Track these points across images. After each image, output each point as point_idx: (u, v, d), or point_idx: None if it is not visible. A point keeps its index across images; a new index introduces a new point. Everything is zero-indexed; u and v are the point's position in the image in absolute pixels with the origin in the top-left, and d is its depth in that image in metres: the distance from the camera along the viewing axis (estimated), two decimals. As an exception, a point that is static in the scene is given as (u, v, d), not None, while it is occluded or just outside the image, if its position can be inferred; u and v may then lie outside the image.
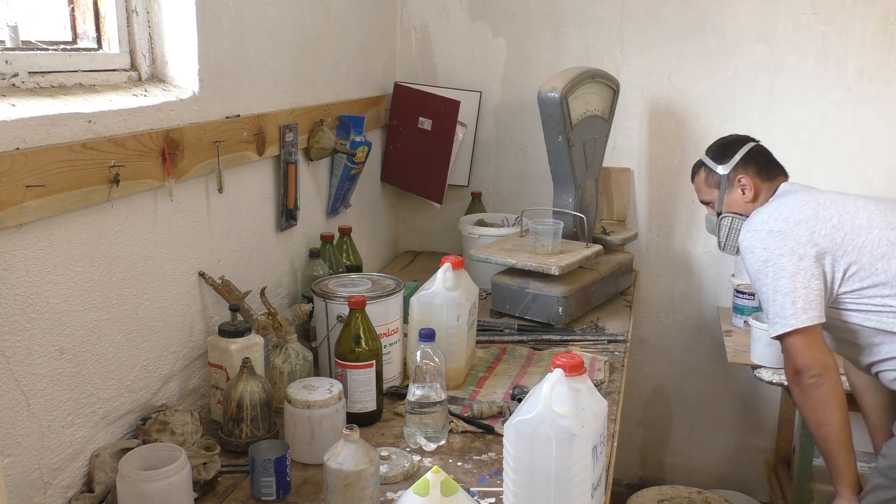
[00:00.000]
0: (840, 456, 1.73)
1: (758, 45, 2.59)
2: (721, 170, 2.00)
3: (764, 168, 1.97)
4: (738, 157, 1.98)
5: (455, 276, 1.76)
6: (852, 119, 2.57)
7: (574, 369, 1.20)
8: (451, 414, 1.62)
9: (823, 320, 1.71)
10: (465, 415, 1.65)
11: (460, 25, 2.83)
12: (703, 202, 2.10)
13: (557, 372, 1.20)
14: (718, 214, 2.03)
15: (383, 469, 1.42)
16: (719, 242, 2.06)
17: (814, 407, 1.72)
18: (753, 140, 2.03)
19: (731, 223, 2.00)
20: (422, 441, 1.54)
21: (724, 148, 2.03)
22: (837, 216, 1.76)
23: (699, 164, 2.08)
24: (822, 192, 1.89)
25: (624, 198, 2.79)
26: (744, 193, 1.97)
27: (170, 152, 1.47)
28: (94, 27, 1.51)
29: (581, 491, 1.18)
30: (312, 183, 2.19)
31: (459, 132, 2.72)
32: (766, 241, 1.76)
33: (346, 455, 1.26)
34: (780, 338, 1.74)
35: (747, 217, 1.93)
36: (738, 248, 1.94)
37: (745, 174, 1.96)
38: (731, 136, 2.09)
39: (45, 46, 1.38)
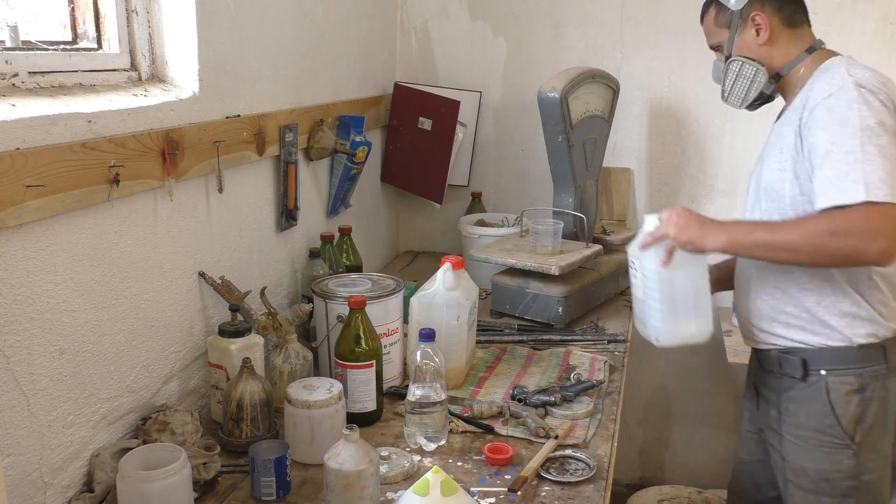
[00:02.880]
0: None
1: (758, 45, 2.59)
2: (733, 3, 1.70)
3: (785, 6, 1.68)
4: None
5: (455, 276, 1.76)
6: (852, 119, 2.56)
7: None
8: (451, 414, 1.62)
9: None
10: (465, 415, 1.65)
11: (460, 25, 2.83)
12: (712, 47, 1.83)
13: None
14: (727, 59, 1.76)
15: (383, 469, 1.42)
16: (723, 92, 1.79)
17: (828, 252, 1.47)
18: None
19: (739, 68, 1.72)
20: (422, 441, 1.54)
21: None
22: None
23: (709, 2, 1.79)
24: None
25: (624, 198, 2.79)
26: (758, 35, 1.69)
27: (170, 152, 1.47)
28: (94, 27, 1.51)
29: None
30: (312, 183, 2.19)
31: (459, 132, 2.72)
32: (869, 99, 1.49)
33: (346, 455, 1.26)
34: (855, 206, 1.43)
35: (760, 64, 1.70)
36: (744, 99, 1.75)
37: (761, 11, 1.67)
38: None
39: (45, 46, 1.38)
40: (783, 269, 1.65)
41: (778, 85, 1.73)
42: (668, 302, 1.67)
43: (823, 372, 1.63)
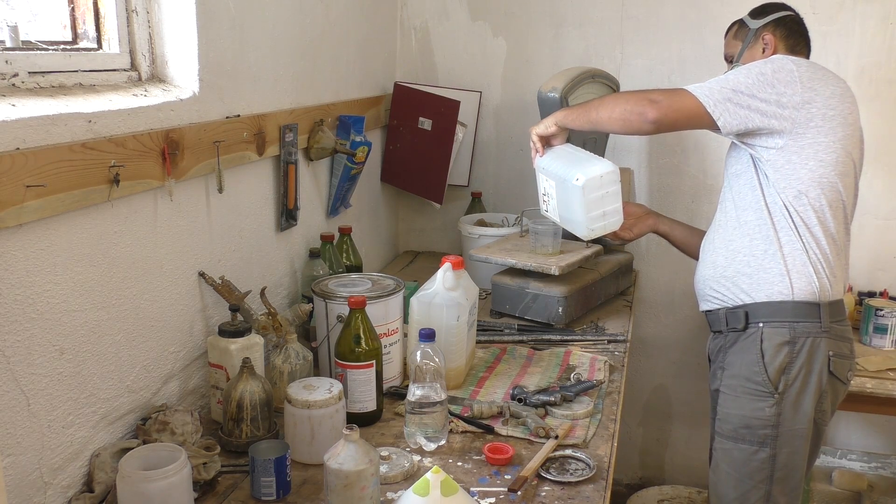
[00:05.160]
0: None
1: (758, 45, 2.59)
2: (752, 24, 2.00)
3: (791, 36, 1.97)
4: (772, 16, 1.98)
5: (455, 276, 1.76)
6: (852, 119, 2.56)
7: None
8: (451, 414, 1.62)
9: (722, 130, 1.75)
10: (465, 415, 1.65)
11: (460, 25, 2.83)
12: (726, 58, 2.10)
13: None
14: (733, 64, 2.04)
15: (383, 469, 1.42)
16: None
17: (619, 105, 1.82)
18: (795, 12, 2.02)
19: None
20: (422, 441, 1.54)
21: (764, 7, 2.04)
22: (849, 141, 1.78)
23: (737, 21, 2.08)
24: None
25: (624, 198, 2.78)
26: (763, 52, 1.96)
27: (170, 152, 1.47)
28: (94, 27, 1.51)
29: None
30: (312, 183, 2.19)
31: (459, 132, 2.72)
32: (770, 62, 1.76)
33: (346, 455, 1.26)
34: (683, 92, 1.76)
35: None
36: None
37: (771, 33, 1.96)
38: (778, 1, 2.07)
39: (45, 46, 1.38)
40: (732, 235, 1.86)
41: None
42: (567, 165, 1.96)
43: (761, 324, 1.81)
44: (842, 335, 1.82)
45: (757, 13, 2.02)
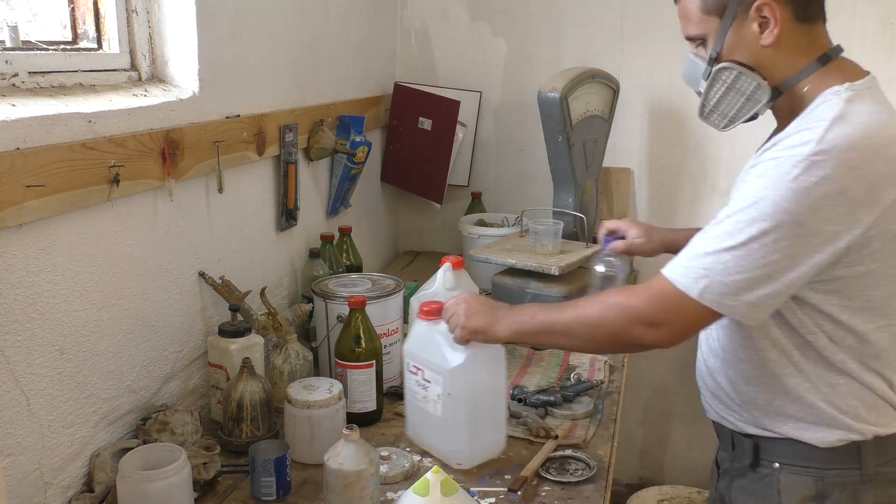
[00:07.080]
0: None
1: (758, 45, 2.59)
2: None
3: None
4: None
5: (455, 275, 1.76)
6: (852, 119, 2.56)
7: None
8: (451, 414, 1.62)
9: (751, 324, 1.23)
10: (465, 415, 1.65)
11: (460, 25, 2.83)
12: (688, 38, 1.33)
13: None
14: (713, 60, 1.29)
15: (383, 469, 1.42)
16: (703, 106, 1.37)
17: (602, 340, 1.29)
18: None
19: (734, 79, 1.27)
20: (422, 441, 1.54)
21: None
22: None
23: None
24: None
25: (624, 198, 2.79)
26: (762, 32, 1.23)
27: (170, 152, 1.47)
28: (94, 27, 1.51)
29: None
30: (312, 183, 2.19)
31: (459, 132, 2.72)
32: (832, 185, 1.11)
33: (346, 455, 1.26)
34: (670, 287, 1.20)
35: (762, 77, 1.26)
36: (731, 120, 1.35)
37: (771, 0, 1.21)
38: None
39: (45, 46, 1.38)
40: (737, 358, 1.38)
41: (775, 103, 1.30)
42: (472, 414, 1.40)
43: (777, 465, 1.30)
44: (894, 480, 1.26)
45: None
